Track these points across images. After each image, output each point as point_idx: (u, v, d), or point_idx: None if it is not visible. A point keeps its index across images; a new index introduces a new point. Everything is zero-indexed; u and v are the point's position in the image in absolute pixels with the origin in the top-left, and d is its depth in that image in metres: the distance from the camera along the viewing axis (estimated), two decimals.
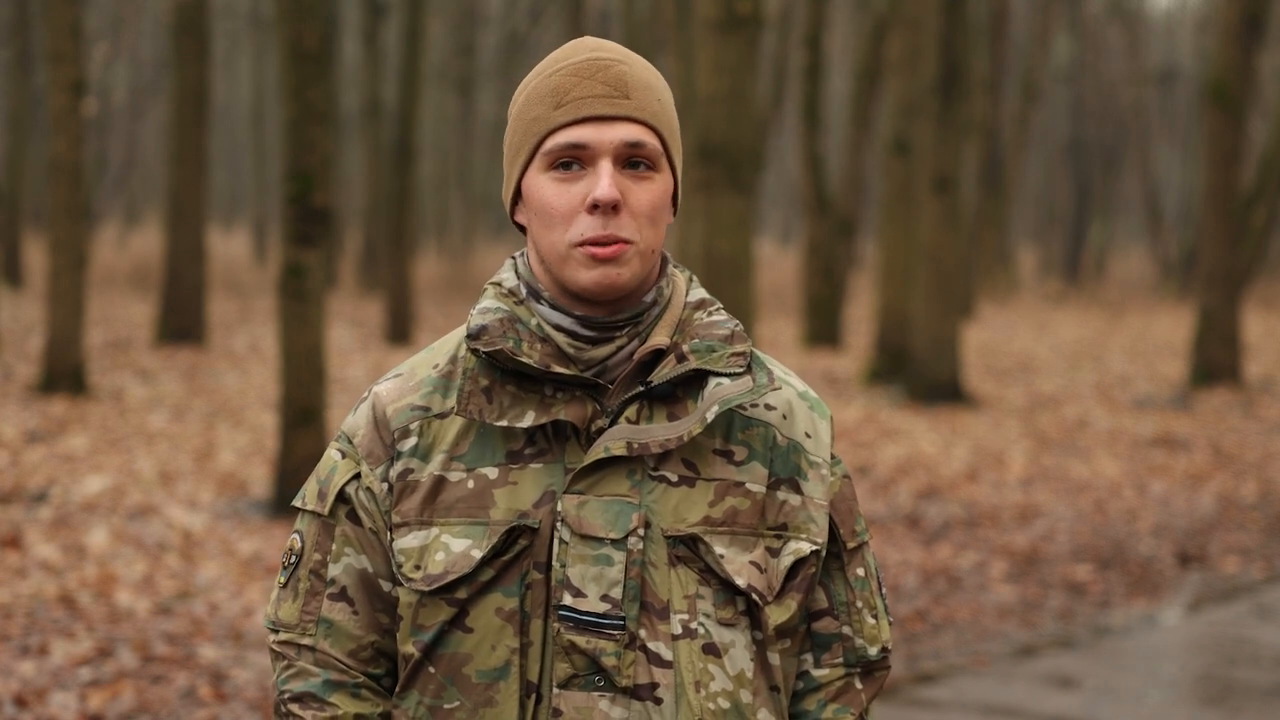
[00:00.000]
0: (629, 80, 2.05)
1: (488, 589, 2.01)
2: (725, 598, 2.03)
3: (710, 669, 2.01)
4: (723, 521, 2.03)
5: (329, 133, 10.21)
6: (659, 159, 2.05)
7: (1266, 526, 10.65)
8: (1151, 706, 6.88)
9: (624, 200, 2.02)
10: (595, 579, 1.99)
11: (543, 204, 2.04)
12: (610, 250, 2.00)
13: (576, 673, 1.99)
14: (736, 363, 2.05)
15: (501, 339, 2.03)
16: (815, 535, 2.08)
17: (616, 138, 2.02)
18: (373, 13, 25.22)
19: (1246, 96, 17.84)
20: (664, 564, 2.01)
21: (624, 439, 2.00)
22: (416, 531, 2.04)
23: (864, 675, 2.14)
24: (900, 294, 17.24)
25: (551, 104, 2.04)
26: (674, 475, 2.03)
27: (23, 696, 6.16)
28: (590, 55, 2.07)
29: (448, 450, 2.05)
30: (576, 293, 2.03)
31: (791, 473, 2.08)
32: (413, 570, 2.03)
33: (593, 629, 1.99)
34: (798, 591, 2.07)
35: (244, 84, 46.46)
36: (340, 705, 2.07)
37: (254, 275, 31.79)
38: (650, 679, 2.00)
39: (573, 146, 2.02)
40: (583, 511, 2.00)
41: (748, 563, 2.03)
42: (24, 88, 26.11)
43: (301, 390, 9.63)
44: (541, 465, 2.03)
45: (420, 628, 2.03)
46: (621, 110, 2.03)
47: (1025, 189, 43.81)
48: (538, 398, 2.04)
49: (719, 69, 9.96)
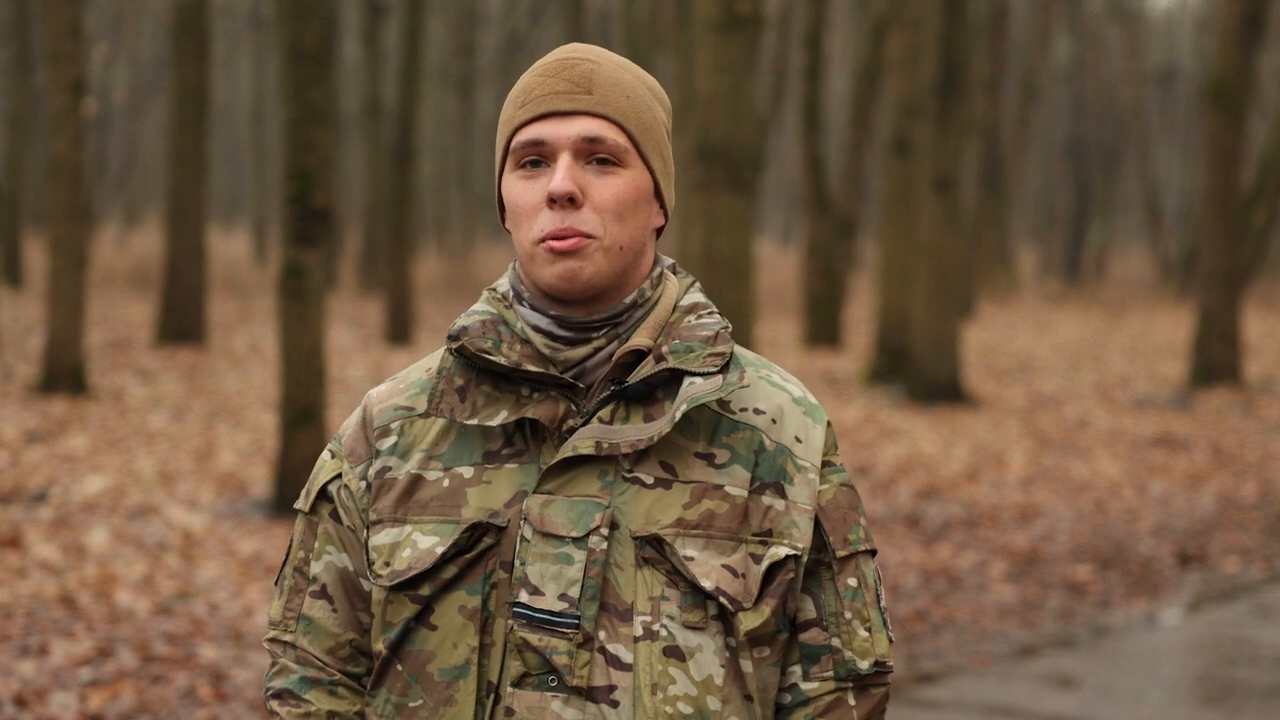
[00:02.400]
0: (594, 77, 2.04)
1: (451, 586, 2.01)
2: (693, 601, 1.99)
3: (671, 672, 1.98)
4: (697, 524, 2.00)
5: (329, 133, 10.21)
6: (624, 154, 2.03)
7: (1266, 526, 10.65)
8: (1151, 706, 6.88)
9: (585, 195, 2.01)
10: (554, 577, 1.98)
11: (511, 202, 2.05)
12: (568, 244, 1.99)
13: (529, 671, 1.98)
14: (712, 362, 2.02)
15: (480, 339, 2.04)
16: (796, 540, 2.03)
17: (573, 132, 2.02)
18: (373, 13, 25.23)
19: (1246, 96, 17.83)
20: (630, 565, 1.99)
21: (593, 438, 1.99)
22: (390, 529, 2.04)
23: (857, 691, 2.06)
24: (900, 294, 17.25)
25: (518, 104, 2.06)
26: (649, 477, 2.01)
27: (23, 696, 6.16)
28: (562, 56, 2.07)
29: (427, 449, 2.06)
30: (545, 290, 2.03)
31: (777, 477, 2.04)
32: (382, 567, 2.03)
33: (545, 627, 1.97)
34: (773, 597, 2.02)
35: (244, 84, 46.46)
36: (314, 702, 2.08)
37: (254, 275, 31.79)
38: (608, 681, 1.97)
39: (533, 143, 2.03)
40: (546, 510, 1.99)
41: (720, 566, 1.99)
42: (24, 88, 26.12)
43: (301, 390, 9.64)
44: (517, 465, 2.02)
45: (388, 624, 2.03)
46: (580, 105, 2.02)
47: (1025, 189, 43.81)
48: (513, 398, 2.03)
49: (719, 69, 9.96)
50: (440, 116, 40.08)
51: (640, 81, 2.08)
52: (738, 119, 9.99)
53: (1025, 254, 47.68)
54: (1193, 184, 37.83)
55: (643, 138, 2.05)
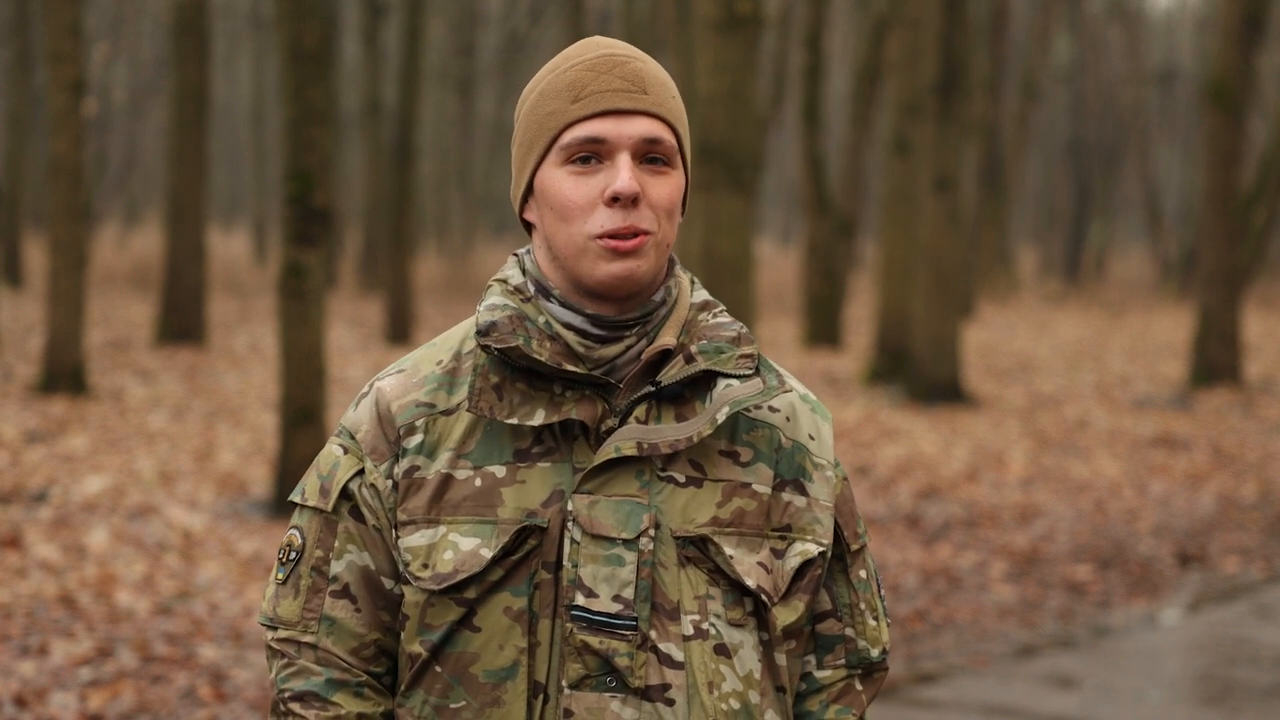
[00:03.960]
0: (645, 76, 2.05)
1: (496, 588, 2.00)
2: (734, 598, 2.03)
3: (722, 669, 2.01)
4: (730, 522, 2.03)
5: (329, 133, 10.21)
6: (674, 155, 2.06)
7: (1266, 526, 10.65)
8: (1151, 706, 6.88)
9: (643, 194, 2.02)
10: (607, 579, 1.99)
11: (559, 197, 2.03)
12: (632, 243, 2.00)
13: (589, 673, 1.99)
14: (745, 364, 2.05)
15: (512, 336, 2.02)
16: (821, 536, 2.08)
17: (636, 132, 2.02)
18: (373, 13, 25.23)
19: (1246, 96, 17.83)
20: (674, 565, 2.01)
21: (634, 439, 2.00)
22: (424, 530, 2.03)
23: (864, 677, 2.14)
24: (900, 294, 17.24)
25: (569, 98, 2.04)
26: (681, 476, 2.03)
27: (23, 696, 6.16)
28: (605, 52, 2.07)
29: (454, 448, 2.04)
30: (592, 287, 2.03)
31: (796, 474, 2.08)
32: (420, 569, 2.02)
33: (605, 629, 1.98)
34: (805, 593, 2.07)
35: (244, 84, 46.46)
36: (343, 704, 2.05)
37: (254, 275, 31.78)
38: (662, 680, 1.99)
39: (591, 140, 2.02)
40: (594, 511, 2.00)
41: (755, 564, 2.03)
42: (24, 88, 26.12)
43: (301, 390, 9.64)
44: (549, 464, 2.02)
45: (428, 627, 2.02)
46: (640, 105, 2.03)
47: (1025, 189, 43.80)
48: (547, 396, 2.03)
49: (719, 69, 9.96)
50: (440, 116, 40.07)
51: (671, 80, 2.10)
52: (738, 119, 9.99)
53: (1025, 254, 47.68)
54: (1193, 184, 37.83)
55: (685, 139, 2.09)
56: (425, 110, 33.04)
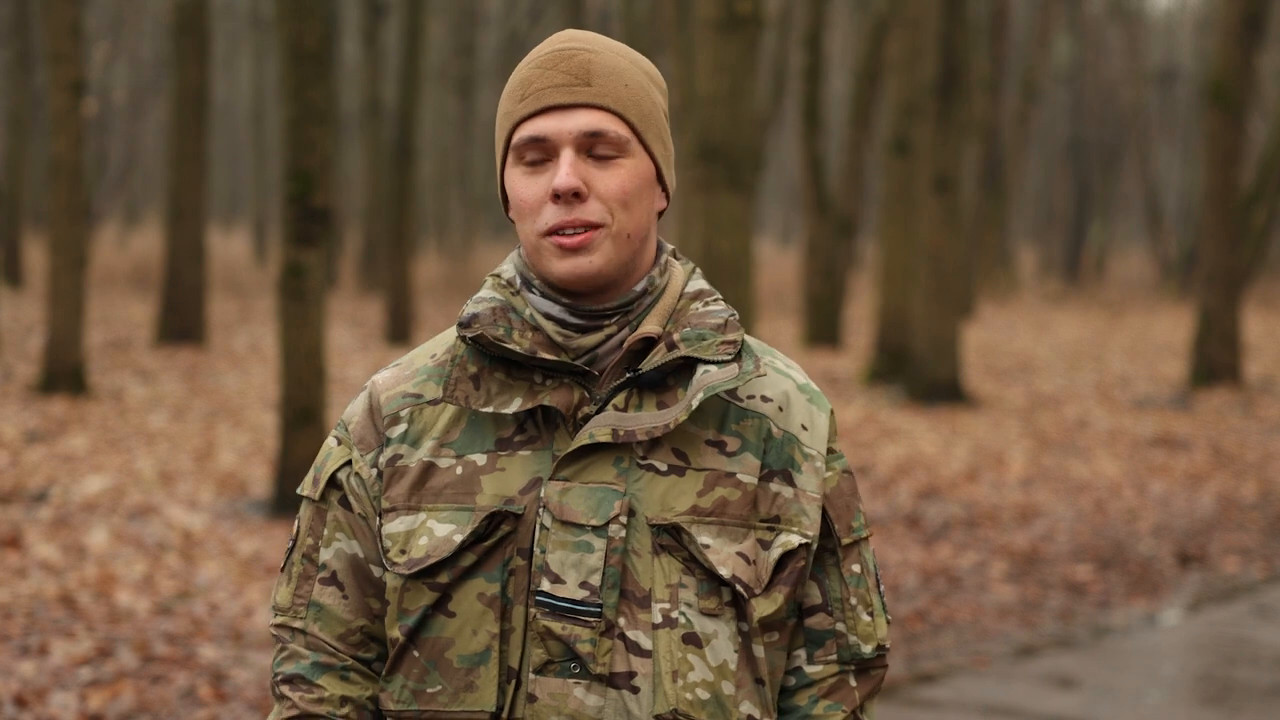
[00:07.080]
0: (592, 67, 2.04)
1: (470, 574, 2.01)
2: (709, 588, 2.01)
3: (690, 659, 2.00)
4: (711, 512, 2.02)
5: (329, 133, 10.21)
6: (626, 144, 2.04)
7: (1266, 526, 10.65)
8: (1151, 706, 6.88)
9: (590, 187, 2.02)
10: (575, 565, 1.99)
11: (515, 197, 2.05)
12: (576, 240, 2.01)
13: (552, 659, 1.99)
14: (725, 350, 2.04)
15: (491, 326, 2.04)
16: (806, 528, 2.07)
17: (575, 127, 2.02)
18: (373, 13, 25.23)
19: (1246, 96, 17.83)
20: (647, 552, 2.00)
21: (609, 425, 2.00)
22: (404, 516, 2.05)
23: (859, 673, 2.12)
24: (900, 294, 17.25)
25: (517, 98, 2.05)
26: (663, 464, 2.03)
27: (23, 696, 6.16)
28: (557, 47, 2.07)
29: (438, 437, 2.06)
30: (554, 284, 2.05)
31: (785, 465, 2.07)
32: (398, 555, 2.04)
33: (569, 615, 1.98)
34: (785, 584, 2.05)
35: (244, 84, 46.47)
36: (328, 687, 2.08)
37: (254, 275, 31.79)
38: (628, 667, 1.99)
39: (534, 139, 2.03)
40: (565, 498, 2.00)
41: (734, 554, 2.02)
42: (24, 88, 26.13)
43: (301, 390, 9.64)
44: (530, 452, 2.03)
45: (404, 612, 2.04)
46: (580, 98, 2.03)
47: (1025, 189, 43.80)
48: (526, 385, 2.04)
49: (719, 69, 9.96)
50: (440, 116, 40.08)
51: (637, 67, 2.08)
52: (737, 119, 9.99)
53: (1025, 254, 47.68)
54: (1193, 184, 37.84)
55: (643, 125, 2.06)
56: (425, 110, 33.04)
